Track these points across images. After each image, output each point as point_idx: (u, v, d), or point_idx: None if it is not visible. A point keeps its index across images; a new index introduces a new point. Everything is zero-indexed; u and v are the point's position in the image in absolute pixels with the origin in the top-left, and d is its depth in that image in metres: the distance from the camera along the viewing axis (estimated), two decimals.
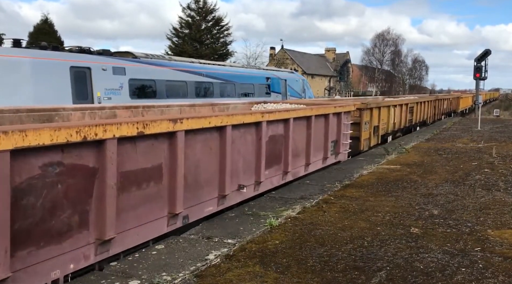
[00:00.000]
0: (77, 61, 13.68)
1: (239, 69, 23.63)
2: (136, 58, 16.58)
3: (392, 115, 17.95)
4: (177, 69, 17.77)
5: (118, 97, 14.34)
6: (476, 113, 32.29)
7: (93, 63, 14.02)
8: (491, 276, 4.80)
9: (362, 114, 14.13)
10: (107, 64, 14.46)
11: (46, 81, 12.61)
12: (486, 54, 35.16)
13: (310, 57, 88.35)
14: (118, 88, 14.71)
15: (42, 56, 12.93)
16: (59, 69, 13.01)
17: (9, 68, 11.90)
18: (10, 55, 12.13)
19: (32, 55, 12.67)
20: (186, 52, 44.35)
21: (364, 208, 7.37)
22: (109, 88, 14.35)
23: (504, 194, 8.48)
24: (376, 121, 15.55)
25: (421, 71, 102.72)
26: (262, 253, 5.35)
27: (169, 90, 16.89)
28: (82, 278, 4.63)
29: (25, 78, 12.13)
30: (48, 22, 43.22)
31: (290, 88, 25.46)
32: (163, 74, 16.75)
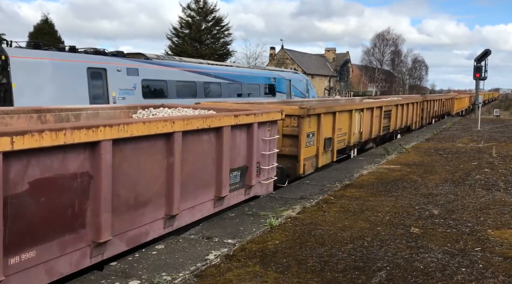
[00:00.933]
0: (94, 62, 14.18)
1: (245, 69, 24.11)
2: (148, 59, 16.99)
3: (357, 123, 13.35)
4: (186, 70, 18.26)
5: (131, 97, 14.87)
6: (476, 113, 32.28)
7: (109, 65, 14.50)
8: (491, 276, 4.80)
9: (302, 123, 9.60)
10: (121, 65, 14.96)
11: (65, 82, 13.13)
12: (486, 54, 35.19)
13: (310, 57, 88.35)
14: (132, 88, 15.25)
15: (61, 57, 13.45)
16: (77, 70, 13.51)
17: (31, 69, 12.40)
18: (32, 57, 12.62)
19: (53, 57, 13.17)
20: (186, 52, 44.36)
21: (364, 208, 7.37)
22: (123, 88, 14.86)
23: (504, 194, 8.48)
24: (328, 132, 11.11)
25: (421, 71, 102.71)
26: (262, 253, 5.35)
27: (179, 91, 17.36)
28: (82, 278, 4.63)
29: (46, 79, 12.64)
30: (49, 22, 43.24)
31: (294, 88, 25.97)
32: (173, 75, 17.24)
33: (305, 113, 9.60)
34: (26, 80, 12.25)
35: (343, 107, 12.37)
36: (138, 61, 16.25)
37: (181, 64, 18.58)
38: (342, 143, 12.40)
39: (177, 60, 19.55)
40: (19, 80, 12.13)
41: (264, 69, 28.29)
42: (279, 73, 26.03)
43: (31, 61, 12.60)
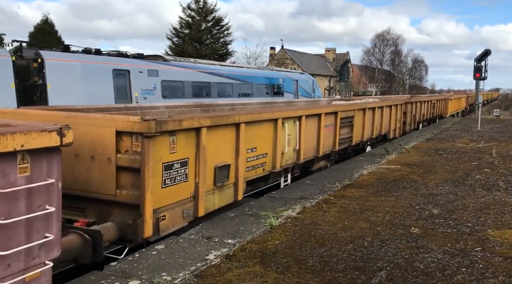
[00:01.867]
0: (118, 64, 15.14)
1: (255, 70, 25.25)
2: (166, 61, 17.96)
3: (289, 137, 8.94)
4: (201, 71, 19.20)
5: (152, 97, 15.79)
6: (476, 114, 32.28)
7: (132, 66, 15.43)
8: (491, 276, 4.80)
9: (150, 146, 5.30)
10: (143, 67, 15.89)
11: (94, 83, 14.05)
12: (486, 54, 35.19)
13: (310, 57, 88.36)
14: (152, 88, 16.13)
15: (90, 60, 14.44)
16: (104, 71, 14.46)
17: (64, 71, 13.36)
18: (64, 60, 13.63)
19: (82, 59, 14.22)
20: (186, 52, 44.37)
21: (364, 208, 7.37)
22: (144, 88, 15.76)
23: (504, 194, 8.47)
24: (223, 156, 6.86)
25: (421, 71, 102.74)
26: (262, 253, 5.34)
27: (194, 91, 18.36)
28: (82, 278, 4.63)
29: (77, 80, 13.62)
30: (49, 22, 43.22)
31: (301, 88, 27.05)
32: (189, 76, 18.21)
33: (154, 130, 5.29)
34: (59, 81, 13.04)
35: (257, 117, 7.90)
36: (158, 63, 17.14)
37: (196, 66, 19.49)
38: (260, 168, 8.14)
39: (192, 62, 20.54)
40: (53, 81, 12.92)
41: (272, 70, 29.01)
42: (287, 74, 27.03)
43: (63, 64, 13.46)
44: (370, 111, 14.36)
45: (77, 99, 12.82)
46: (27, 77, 12.79)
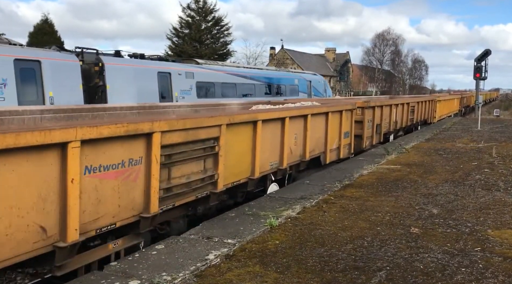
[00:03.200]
0: (162, 67, 16.96)
1: (273, 72, 27.45)
2: (198, 64, 20.17)
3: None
4: (228, 73, 21.25)
5: (189, 97, 17.72)
6: (476, 114, 32.25)
7: (172, 69, 17.35)
8: (491, 276, 4.80)
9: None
10: (181, 70, 17.85)
11: (142, 84, 15.91)
12: (486, 54, 35.16)
13: (310, 57, 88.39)
14: (189, 89, 18.01)
15: (139, 64, 16.44)
16: (150, 74, 16.31)
17: (119, 74, 15.23)
18: (120, 64, 15.59)
19: (133, 63, 16.23)
20: (186, 52, 44.37)
21: (364, 208, 7.37)
22: (183, 89, 17.59)
23: (504, 194, 8.48)
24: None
25: (421, 71, 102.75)
26: (262, 253, 5.35)
27: (223, 91, 20.18)
28: (82, 278, 4.64)
29: (130, 81, 15.45)
30: (49, 22, 43.19)
31: (314, 89, 29.00)
32: (219, 77, 20.15)
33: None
34: (116, 83, 14.82)
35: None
36: (193, 66, 19.25)
37: (223, 69, 21.61)
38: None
39: (220, 65, 22.88)
40: (112, 83, 14.68)
41: (288, 71, 32.07)
42: (301, 75, 29.26)
43: (119, 67, 15.34)
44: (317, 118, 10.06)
45: (130, 98, 14.55)
46: (90, 79, 14.52)
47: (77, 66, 13.79)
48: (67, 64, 13.52)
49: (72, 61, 13.83)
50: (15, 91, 11.91)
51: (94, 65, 14.60)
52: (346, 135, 12.08)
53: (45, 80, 12.67)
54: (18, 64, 12.07)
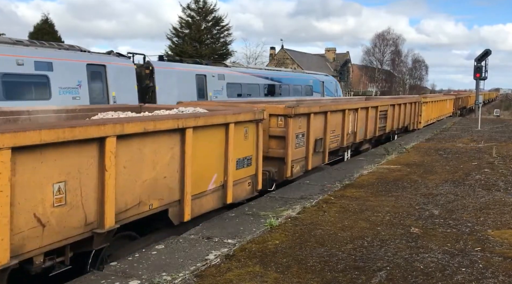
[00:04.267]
0: (199, 70, 19.05)
1: (291, 73, 30.04)
2: (227, 66, 22.31)
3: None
4: (252, 74, 23.28)
5: (220, 96, 19.56)
6: (476, 114, 32.24)
7: (207, 71, 19.38)
8: (491, 276, 4.80)
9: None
10: (214, 72, 19.85)
11: (183, 85, 17.83)
12: (486, 54, 35.18)
13: (310, 57, 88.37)
14: (220, 89, 19.87)
15: (180, 67, 18.54)
16: (190, 76, 18.28)
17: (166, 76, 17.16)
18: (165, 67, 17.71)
19: (176, 67, 18.30)
20: (186, 52, 44.35)
21: (364, 208, 7.37)
22: (215, 89, 19.54)
23: (504, 194, 8.48)
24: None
25: (421, 71, 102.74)
26: (262, 253, 5.35)
27: (249, 91, 22.01)
28: (82, 278, 4.64)
29: (173, 83, 17.35)
30: (49, 22, 43.20)
31: (326, 89, 30.65)
32: (245, 78, 22.12)
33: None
34: (163, 84, 16.75)
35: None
36: (223, 68, 21.35)
37: (248, 70, 23.96)
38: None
39: (245, 67, 25.43)
40: (160, 84, 16.62)
41: (303, 73, 34.40)
42: (314, 76, 30.98)
43: (165, 70, 17.31)
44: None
45: (174, 97, 15.61)
46: (142, 81, 16.41)
47: (132, 70, 15.72)
48: (125, 68, 15.39)
49: (129, 65, 15.76)
50: (87, 91, 13.69)
51: (145, 68, 16.64)
52: (243, 163, 7.55)
53: (109, 81, 14.56)
54: (89, 68, 13.88)
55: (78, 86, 13.42)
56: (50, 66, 12.78)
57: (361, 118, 13.43)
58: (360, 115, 13.32)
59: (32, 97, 12.43)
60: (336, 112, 11.60)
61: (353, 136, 13.10)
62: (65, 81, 13.10)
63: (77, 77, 13.40)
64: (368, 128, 14.24)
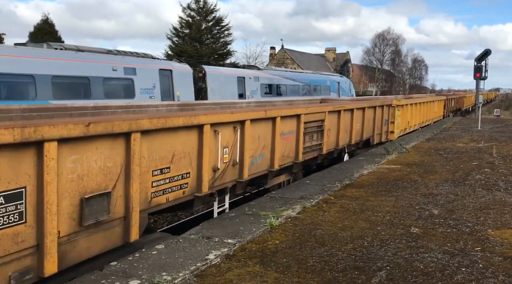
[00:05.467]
0: (239, 73, 22.42)
1: (311, 75, 32.79)
2: (260, 69, 25.65)
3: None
4: (281, 76, 26.28)
5: (256, 96, 22.66)
6: (476, 113, 32.22)
7: (246, 74, 22.63)
8: (491, 276, 4.80)
9: None
10: (251, 75, 22.94)
11: (227, 86, 20.87)
12: (486, 54, 35.17)
13: (310, 57, 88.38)
14: (256, 90, 23.08)
15: (225, 70, 22.33)
16: (232, 79, 21.53)
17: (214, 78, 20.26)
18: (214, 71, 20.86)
19: (222, 70, 21.84)
20: (186, 52, 44.33)
21: (364, 208, 7.37)
22: (252, 90, 22.59)
23: (504, 194, 8.48)
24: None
25: (421, 71, 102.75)
26: (262, 253, 5.35)
27: (277, 91, 25.04)
28: (82, 278, 4.63)
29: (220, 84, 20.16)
30: (49, 22, 43.19)
31: (341, 88, 33.48)
32: (274, 80, 25.22)
33: None
34: (213, 85, 19.90)
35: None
36: (257, 71, 24.63)
37: (277, 73, 26.86)
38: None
39: (274, 69, 29.03)
40: (210, 85, 19.76)
41: (321, 74, 36.92)
42: (330, 77, 34.45)
43: (214, 74, 20.38)
44: None
45: (220, 97, 18.73)
46: (196, 83, 19.40)
47: (191, 73, 18.83)
48: (185, 72, 18.36)
49: (188, 70, 18.84)
50: (159, 91, 16.50)
51: (199, 72, 19.86)
52: None
53: (174, 83, 17.28)
54: (161, 72, 16.69)
55: (153, 88, 16.27)
56: (134, 71, 15.59)
57: (253, 137, 7.92)
58: (253, 131, 7.83)
59: (122, 96, 14.84)
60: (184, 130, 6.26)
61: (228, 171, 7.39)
62: (144, 83, 15.91)
63: (152, 80, 16.25)
64: (278, 150, 8.76)
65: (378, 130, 15.59)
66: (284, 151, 9.16)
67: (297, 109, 9.62)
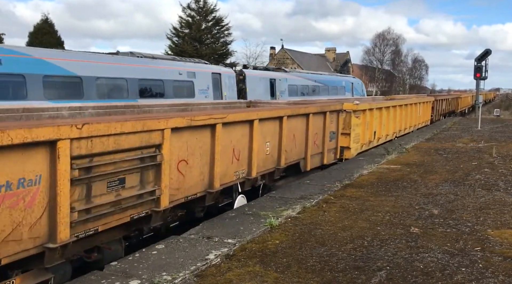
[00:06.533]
0: (271, 75, 24.59)
1: (329, 76, 35.08)
2: (286, 72, 27.83)
3: None
4: (304, 78, 28.72)
5: (284, 96, 24.67)
6: (476, 113, 32.21)
7: (276, 76, 24.89)
8: (491, 276, 4.81)
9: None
10: (280, 77, 25.24)
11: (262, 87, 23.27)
12: (487, 54, 35.15)
13: (310, 57, 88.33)
14: (284, 90, 24.98)
15: (260, 73, 24.17)
16: (266, 80, 23.76)
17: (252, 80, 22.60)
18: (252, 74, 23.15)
19: (257, 73, 23.86)
20: (186, 51, 44.29)
21: (364, 208, 7.37)
22: (281, 90, 24.62)
23: (504, 194, 8.48)
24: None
25: (421, 71, 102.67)
26: (262, 253, 5.35)
27: (302, 91, 27.58)
28: (82, 278, 4.64)
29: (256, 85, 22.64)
30: (49, 22, 43.12)
31: (355, 89, 35.76)
32: (299, 81, 27.51)
33: None
34: (250, 86, 22.23)
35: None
36: (284, 73, 26.84)
37: (301, 74, 29.47)
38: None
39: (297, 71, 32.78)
40: (249, 87, 22.18)
41: (337, 75, 40.79)
42: (345, 78, 37.26)
43: (252, 76, 22.72)
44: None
45: (257, 96, 20.67)
46: (238, 84, 21.65)
47: (234, 76, 21.26)
48: (230, 75, 20.82)
49: (232, 73, 21.46)
50: (212, 92, 18.87)
51: (239, 75, 22.29)
52: None
53: (222, 85, 19.70)
54: (212, 76, 19.18)
55: (207, 89, 18.72)
56: (194, 75, 18.10)
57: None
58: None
59: (185, 96, 17.30)
60: None
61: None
62: (201, 85, 18.35)
63: (207, 82, 18.73)
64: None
65: (317, 149, 10.65)
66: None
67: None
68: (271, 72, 25.76)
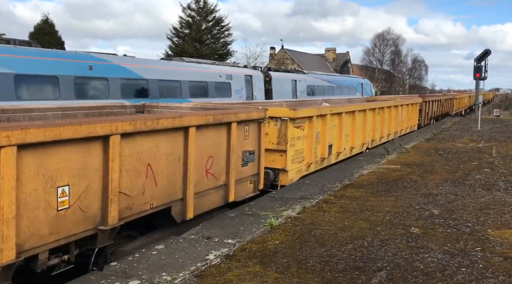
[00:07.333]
0: (293, 76, 26.22)
1: (341, 77, 37.29)
2: (305, 74, 29.39)
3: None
4: (320, 79, 30.23)
5: (303, 95, 26.07)
6: (476, 114, 32.20)
7: (297, 77, 26.38)
8: (491, 276, 4.80)
9: None
10: (300, 78, 26.76)
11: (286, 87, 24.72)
12: (486, 54, 35.16)
13: (310, 57, 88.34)
14: (303, 90, 26.56)
15: (283, 75, 25.80)
16: (289, 81, 25.31)
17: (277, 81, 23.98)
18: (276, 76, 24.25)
19: (281, 75, 25.33)
20: (186, 52, 44.30)
21: (364, 208, 7.37)
22: (301, 90, 26.17)
23: (504, 194, 8.48)
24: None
25: (420, 71, 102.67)
26: (262, 253, 5.34)
27: (318, 91, 28.73)
28: (82, 278, 4.63)
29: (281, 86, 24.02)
30: (49, 22, 43.11)
31: (364, 89, 37.59)
32: (315, 82, 29.01)
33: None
34: (275, 87, 23.58)
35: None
36: (303, 75, 28.35)
37: (316, 76, 30.73)
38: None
39: (314, 73, 33.02)
40: (274, 87, 23.50)
41: (348, 76, 43.08)
42: (356, 79, 39.40)
43: (277, 78, 24.12)
44: None
45: (281, 96, 22.54)
46: (265, 85, 22.92)
47: (262, 78, 22.78)
48: (259, 76, 22.46)
49: (261, 75, 22.85)
50: (245, 93, 20.62)
51: (266, 76, 23.50)
52: None
53: (253, 86, 21.51)
54: (245, 77, 21.02)
55: (241, 89, 20.48)
56: (231, 77, 19.94)
57: None
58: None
59: (224, 96, 18.89)
60: None
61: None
62: (237, 86, 20.15)
63: (241, 83, 20.49)
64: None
65: (213, 182, 6.90)
66: None
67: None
68: (292, 73, 27.82)
